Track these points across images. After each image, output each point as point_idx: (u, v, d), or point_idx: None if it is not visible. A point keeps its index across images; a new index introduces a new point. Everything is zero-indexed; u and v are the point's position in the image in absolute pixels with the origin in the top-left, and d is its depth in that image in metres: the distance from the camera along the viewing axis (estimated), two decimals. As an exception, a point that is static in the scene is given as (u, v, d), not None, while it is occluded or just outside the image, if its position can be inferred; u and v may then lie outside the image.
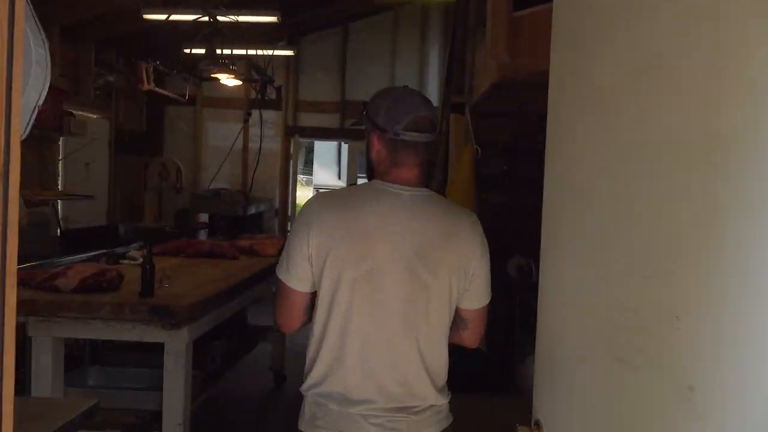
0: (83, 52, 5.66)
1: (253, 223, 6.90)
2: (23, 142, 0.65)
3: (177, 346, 2.40)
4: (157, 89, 5.17)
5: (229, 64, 3.97)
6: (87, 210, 5.96)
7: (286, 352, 4.59)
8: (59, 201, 5.31)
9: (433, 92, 7.33)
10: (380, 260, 1.39)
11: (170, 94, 5.93)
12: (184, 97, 5.98)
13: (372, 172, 1.52)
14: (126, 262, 3.31)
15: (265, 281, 3.59)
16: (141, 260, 3.23)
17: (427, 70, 7.37)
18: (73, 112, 5.06)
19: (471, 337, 1.54)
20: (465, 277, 1.46)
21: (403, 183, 1.45)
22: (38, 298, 2.31)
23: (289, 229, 7.38)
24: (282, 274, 1.44)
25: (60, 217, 5.53)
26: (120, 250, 4.30)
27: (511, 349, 4.27)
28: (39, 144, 5.04)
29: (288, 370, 4.68)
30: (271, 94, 6.05)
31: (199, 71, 4.24)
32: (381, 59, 7.39)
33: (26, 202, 4.17)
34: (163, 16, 4.38)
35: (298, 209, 14.90)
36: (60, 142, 5.38)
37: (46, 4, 5.13)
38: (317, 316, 1.42)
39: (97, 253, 4.49)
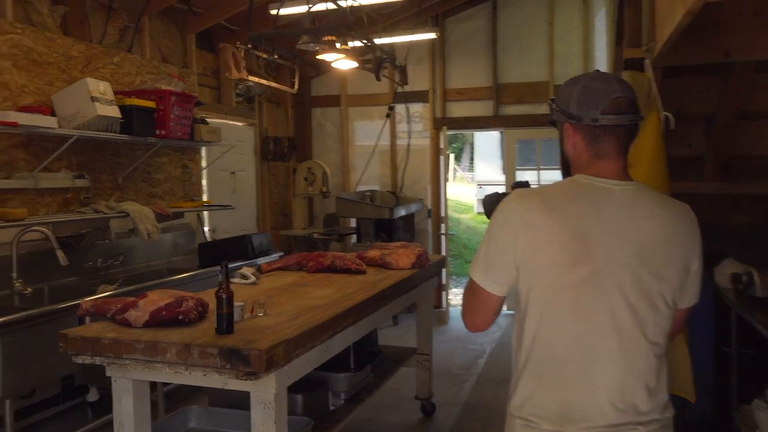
0: (224, 59, 5.54)
1: (404, 226, 6.38)
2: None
3: (263, 397, 1.87)
4: (251, 78, 4.76)
5: (338, 42, 3.39)
6: (235, 219, 5.87)
7: (433, 375, 3.96)
8: (205, 212, 5.22)
9: (602, 65, 6.23)
10: (598, 264, 1.31)
11: (272, 84, 5.58)
12: (293, 87, 5.60)
13: (568, 168, 1.46)
14: (237, 281, 2.90)
15: (398, 298, 2.99)
16: (252, 279, 2.80)
17: (593, 40, 6.28)
18: (207, 119, 4.90)
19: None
20: (686, 276, 1.39)
21: (610, 176, 1.38)
22: (103, 337, 1.92)
23: (443, 230, 6.74)
24: (478, 277, 1.42)
25: (208, 227, 5.46)
26: (240, 264, 3.99)
27: (724, 385, 3.21)
28: (180, 154, 4.97)
29: (438, 396, 4.05)
30: (401, 84, 5.47)
31: (301, 53, 3.70)
32: (537, 32, 6.45)
33: (158, 215, 4.03)
34: (302, 8, 3.95)
35: (451, 208, 14.23)
36: (203, 152, 5.30)
37: (183, 12, 5.09)
38: (526, 325, 1.36)
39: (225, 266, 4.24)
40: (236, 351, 1.78)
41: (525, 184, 1.63)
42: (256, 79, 5.01)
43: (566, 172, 1.47)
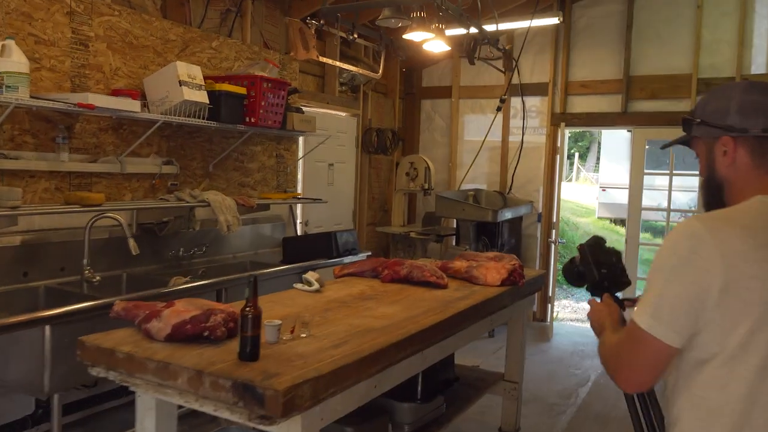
0: (329, 47, 5.33)
1: (510, 230, 5.86)
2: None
3: (287, 441, 1.55)
4: (322, 59, 4.39)
5: (428, 19, 2.95)
6: (330, 213, 5.67)
7: (523, 402, 3.48)
8: (299, 204, 5.04)
9: (762, 55, 5.30)
10: None
11: (350, 67, 5.21)
12: (376, 71, 5.22)
13: (717, 191, 1.31)
14: (299, 287, 2.62)
15: (479, 321, 2.57)
16: (316, 286, 2.51)
17: (751, 26, 5.35)
18: (307, 107, 4.69)
19: None
20: None
21: None
22: (118, 350, 1.69)
23: (552, 238, 6.12)
24: (648, 323, 1.19)
25: (300, 220, 5.30)
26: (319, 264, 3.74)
27: None
28: (276, 143, 4.82)
29: (527, 429, 3.56)
30: (504, 71, 4.93)
31: (407, 41, 3.30)
32: (681, 17, 5.62)
33: (240, 206, 3.87)
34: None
35: (570, 211, 13.23)
36: (300, 142, 5.13)
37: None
38: (715, 376, 1.17)
39: (306, 264, 4.01)
40: (250, 387, 1.47)
41: (600, 241, 1.54)
42: (329, 61, 4.69)
43: (715, 194, 1.30)
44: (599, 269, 1.59)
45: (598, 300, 1.57)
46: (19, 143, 3.12)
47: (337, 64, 5.14)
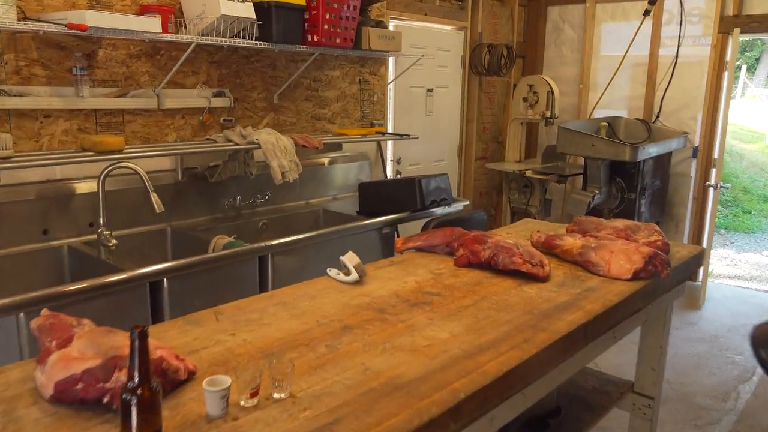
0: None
1: (654, 170, 4.67)
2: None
3: None
4: None
5: None
6: (430, 148, 4.82)
7: (661, 404, 2.57)
8: (379, 142, 4.25)
9: None
10: None
11: None
12: None
13: None
14: (333, 274, 1.89)
15: (595, 340, 1.69)
16: (354, 275, 1.77)
17: None
18: (401, 20, 3.79)
19: None
20: None
21: None
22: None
23: (712, 181, 4.82)
24: None
25: (391, 158, 4.52)
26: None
27: None
28: (359, 66, 4.01)
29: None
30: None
31: None
32: None
33: (300, 148, 3.16)
34: None
35: (734, 136, 11.12)
36: (390, 63, 4.26)
37: None
38: None
39: (384, 219, 3.25)
40: None
41: None
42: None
43: None
44: None
45: None
46: (26, 76, 2.59)
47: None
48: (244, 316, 1.55)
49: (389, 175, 4.43)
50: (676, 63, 4.94)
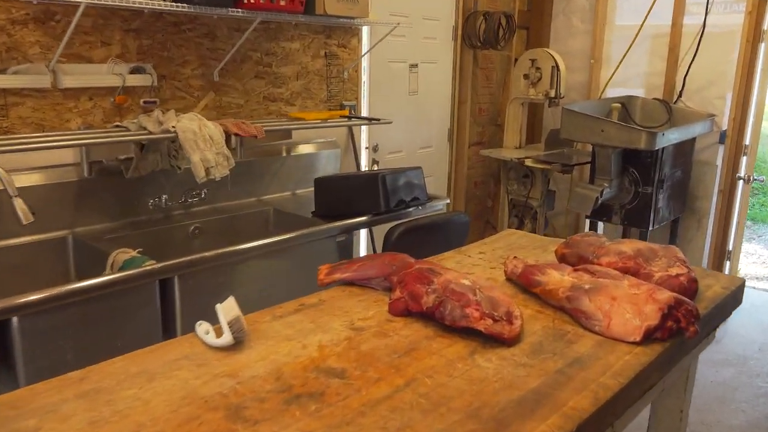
0: None
1: (675, 159, 4.00)
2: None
3: None
4: None
5: None
6: (415, 131, 4.19)
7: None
8: (350, 127, 3.64)
9: None
10: None
11: None
12: None
13: None
14: (202, 332, 1.30)
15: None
16: (227, 338, 1.19)
17: None
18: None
19: None
20: None
21: None
22: None
23: (742, 173, 4.15)
24: None
25: (367, 145, 3.91)
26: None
27: None
28: (324, 38, 3.38)
29: None
30: None
31: None
32: None
33: (233, 137, 2.56)
34: None
35: (766, 131, 10.34)
36: (363, 33, 3.62)
37: None
38: None
39: (340, 224, 2.64)
40: None
41: None
42: None
43: None
44: None
45: None
46: None
47: None
48: (10, 425, 0.97)
49: (363, 165, 3.83)
50: (702, 33, 4.24)
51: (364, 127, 3.81)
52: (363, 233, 3.86)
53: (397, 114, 3.94)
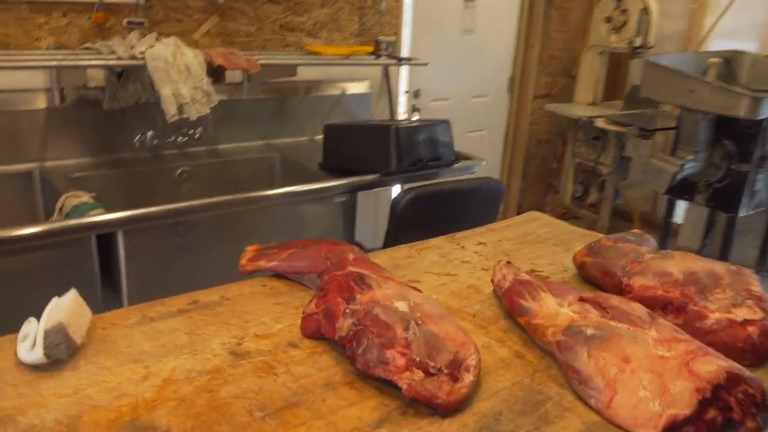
0: None
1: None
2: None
3: None
4: None
5: None
6: (468, 77, 3.64)
7: None
8: (386, 68, 3.13)
9: None
10: None
11: None
12: None
13: None
14: (20, 341, 0.93)
15: None
16: (39, 353, 0.80)
17: None
18: None
19: None
20: None
21: None
22: None
23: None
24: None
25: (407, 89, 3.40)
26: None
27: None
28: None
29: None
30: None
31: None
32: None
33: (216, 70, 2.15)
34: None
35: None
36: (411, -42, 3.07)
37: None
38: None
39: (346, 182, 2.21)
40: None
41: None
42: None
43: None
44: None
45: None
46: None
47: None
48: None
49: (402, 113, 3.34)
50: None
51: (404, 69, 3.31)
52: (367, 198, 3.41)
53: (445, 55, 3.40)
